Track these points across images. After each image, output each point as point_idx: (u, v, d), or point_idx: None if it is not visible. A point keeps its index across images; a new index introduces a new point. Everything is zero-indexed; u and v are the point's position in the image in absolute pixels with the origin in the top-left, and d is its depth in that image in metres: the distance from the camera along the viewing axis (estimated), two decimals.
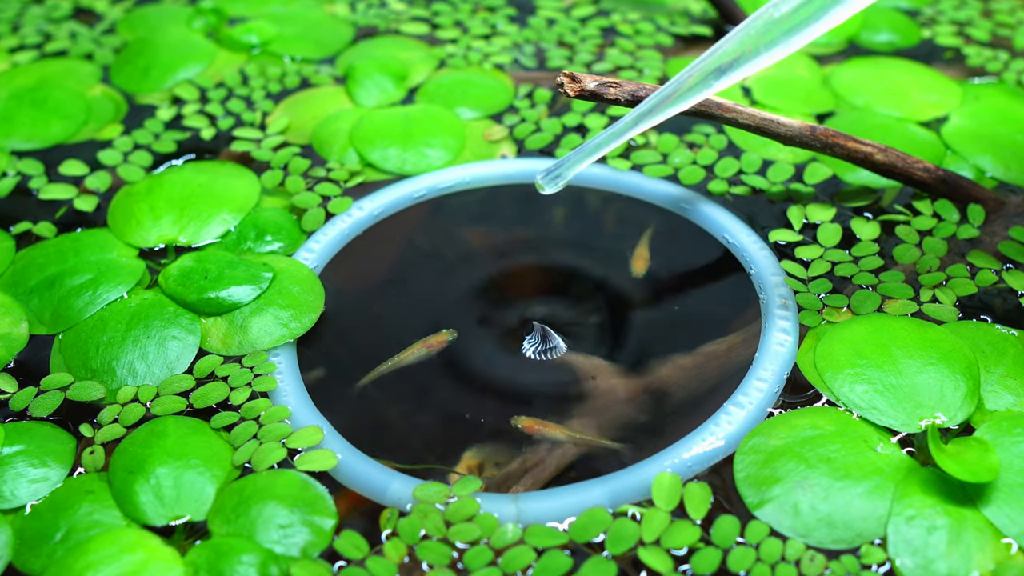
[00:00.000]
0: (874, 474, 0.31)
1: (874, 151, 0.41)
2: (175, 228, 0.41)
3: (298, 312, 0.37)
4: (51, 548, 0.30)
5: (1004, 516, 0.29)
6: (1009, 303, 0.37)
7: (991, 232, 0.41)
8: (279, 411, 0.34)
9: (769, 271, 0.38)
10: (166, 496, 0.31)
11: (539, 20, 0.57)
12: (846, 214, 0.42)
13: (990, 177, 0.44)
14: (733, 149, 0.46)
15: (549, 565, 0.29)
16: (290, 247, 0.41)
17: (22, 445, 0.33)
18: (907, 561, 0.29)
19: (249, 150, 0.47)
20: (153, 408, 0.34)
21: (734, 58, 0.33)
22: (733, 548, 0.29)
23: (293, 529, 0.30)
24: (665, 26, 0.56)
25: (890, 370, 0.33)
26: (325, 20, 0.57)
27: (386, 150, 0.46)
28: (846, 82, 0.50)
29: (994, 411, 0.33)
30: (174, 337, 0.36)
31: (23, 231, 0.42)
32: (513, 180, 0.44)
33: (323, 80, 0.52)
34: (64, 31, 0.57)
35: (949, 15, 0.58)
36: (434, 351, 0.36)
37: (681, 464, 0.31)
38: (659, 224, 0.42)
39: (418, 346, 0.36)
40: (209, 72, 0.52)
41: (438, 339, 0.36)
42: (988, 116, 0.47)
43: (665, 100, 0.34)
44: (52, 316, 0.38)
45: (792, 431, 0.32)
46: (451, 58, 0.53)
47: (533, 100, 0.50)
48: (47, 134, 0.48)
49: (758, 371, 0.34)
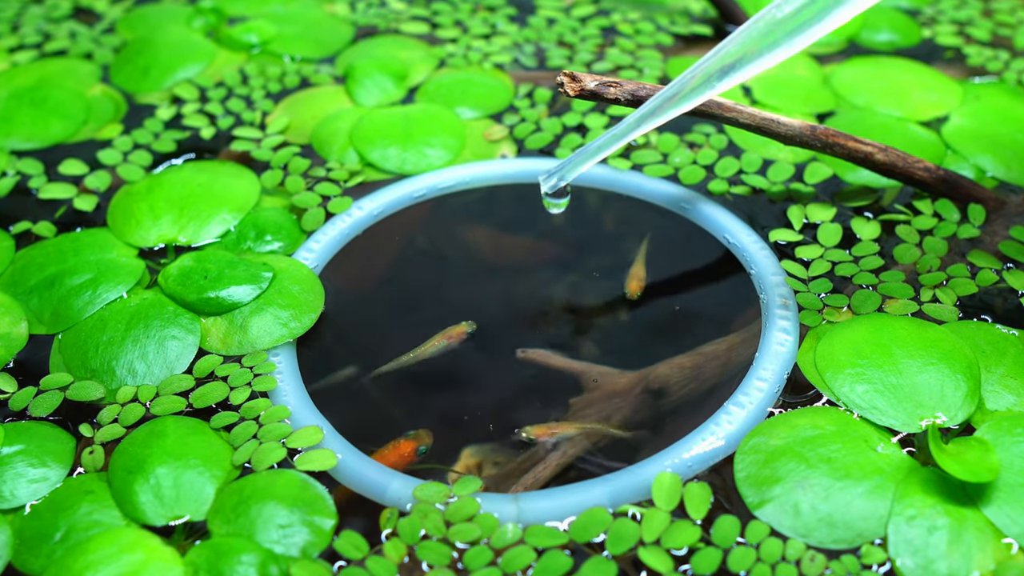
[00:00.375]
0: (874, 474, 0.30)
1: (874, 151, 0.41)
2: (175, 228, 0.41)
3: (298, 312, 0.37)
4: (50, 548, 0.30)
5: (1005, 516, 0.29)
6: (1010, 303, 0.37)
7: (992, 232, 0.40)
8: (279, 411, 0.34)
9: (769, 271, 0.38)
10: (166, 496, 0.31)
11: (539, 20, 0.57)
12: (846, 214, 0.42)
13: (991, 177, 0.44)
14: (733, 149, 0.46)
15: (549, 565, 0.29)
16: (290, 247, 0.41)
17: (22, 445, 0.33)
18: (908, 561, 0.29)
19: (249, 150, 0.47)
20: (153, 408, 0.34)
21: (736, 59, 0.33)
22: (733, 548, 0.29)
23: (293, 529, 0.30)
24: (665, 25, 0.56)
25: (890, 370, 0.33)
26: (325, 19, 0.57)
27: (386, 150, 0.46)
28: (846, 81, 0.50)
29: (995, 411, 0.33)
30: (174, 337, 0.36)
31: (23, 231, 0.42)
32: (513, 180, 0.44)
33: (323, 80, 0.52)
34: (64, 30, 0.57)
35: (949, 15, 0.58)
36: (454, 343, 0.35)
37: (681, 464, 0.31)
38: (659, 225, 0.42)
39: (438, 338, 0.35)
40: (209, 71, 0.52)
41: (457, 330, 0.36)
42: (989, 116, 0.47)
43: (667, 102, 0.34)
44: (52, 316, 0.38)
45: (792, 431, 0.32)
46: (451, 57, 0.53)
47: (533, 100, 0.49)
48: (47, 134, 0.48)
49: (758, 371, 0.34)
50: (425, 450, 0.32)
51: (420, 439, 0.32)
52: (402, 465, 0.32)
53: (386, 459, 0.32)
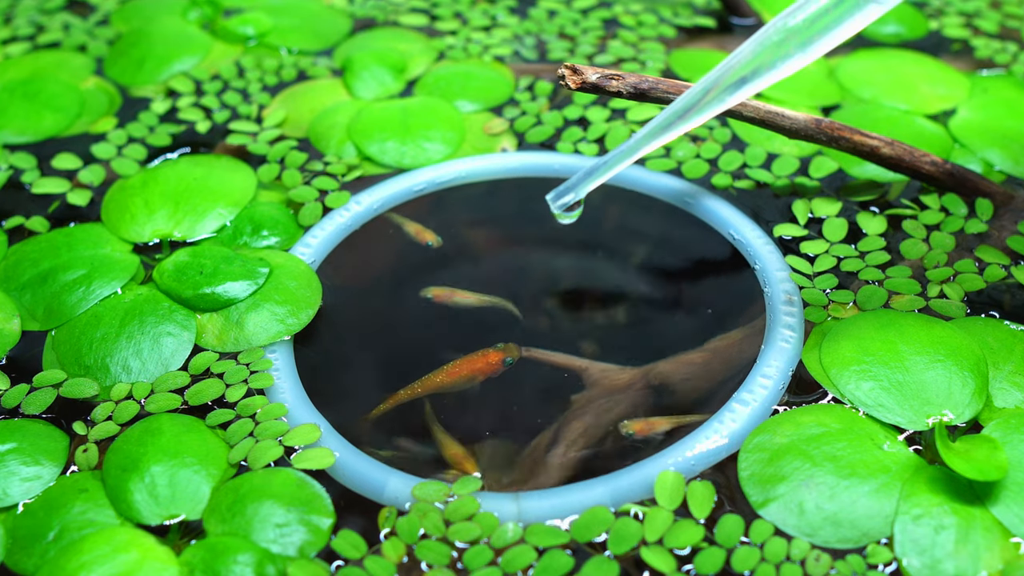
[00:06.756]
0: (880, 472, 0.30)
1: (881, 144, 0.40)
2: (170, 223, 0.41)
3: (295, 308, 0.36)
4: (44, 547, 0.29)
5: (1013, 515, 0.29)
6: (1018, 299, 0.37)
7: (999, 227, 0.40)
8: (276, 408, 0.33)
9: (774, 266, 0.38)
10: (161, 495, 0.30)
11: (540, 11, 0.56)
12: (852, 208, 0.41)
13: (998, 171, 0.44)
14: (737, 142, 0.45)
15: (550, 565, 0.28)
16: (287, 242, 0.40)
17: (14, 443, 0.32)
18: (914, 561, 0.28)
19: (245, 143, 0.46)
20: (147, 405, 0.34)
21: (752, 70, 0.33)
22: (737, 548, 0.29)
23: (290, 528, 0.29)
24: (668, 17, 0.55)
25: (897, 367, 0.33)
26: (322, 11, 0.56)
27: (384, 143, 0.45)
28: (852, 74, 0.49)
29: (1003, 408, 0.32)
30: (169, 333, 0.36)
31: (15, 226, 0.42)
32: (513, 174, 0.44)
33: (320, 72, 0.51)
34: (57, 22, 0.57)
35: (957, 6, 0.57)
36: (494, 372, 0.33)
37: (684, 462, 0.31)
38: (662, 220, 0.42)
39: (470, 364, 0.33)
40: (204, 64, 0.52)
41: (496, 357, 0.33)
42: (996, 109, 0.47)
43: (679, 115, 0.34)
44: (45, 312, 0.37)
45: (797, 429, 0.31)
46: (450, 50, 0.53)
47: (534, 93, 0.49)
48: (40, 127, 0.47)
49: (763, 368, 0.34)
50: (512, 361, 0.31)
51: (509, 351, 0.32)
52: (487, 372, 0.31)
53: (473, 364, 0.31)
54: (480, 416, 0.34)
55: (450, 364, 0.33)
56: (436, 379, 0.31)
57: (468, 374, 0.31)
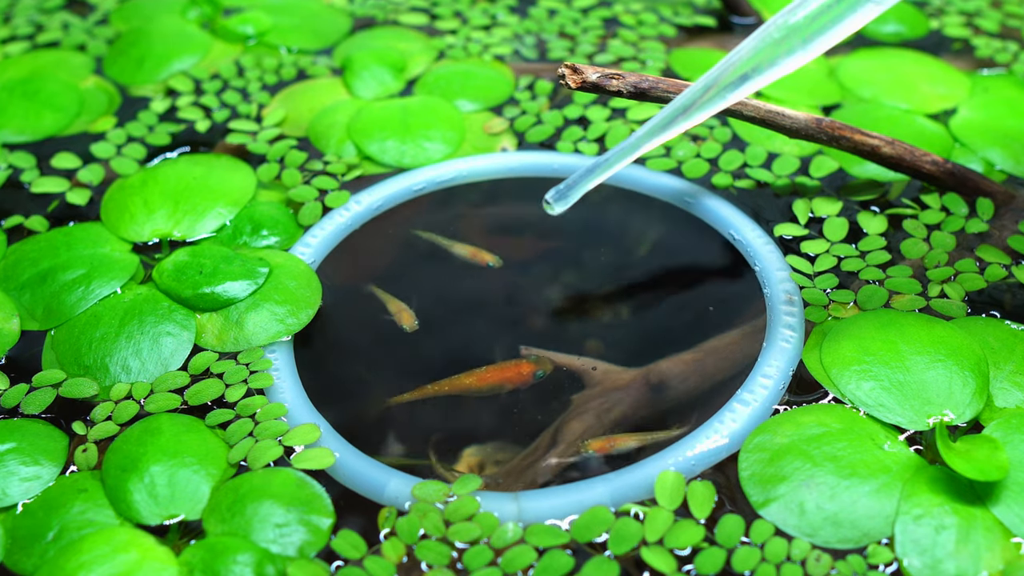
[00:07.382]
0: (881, 472, 0.30)
1: (881, 144, 0.40)
2: (169, 222, 0.41)
3: (295, 308, 0.36)
4: (43, 547, 0.29)
5: (1014, 515, 0.29)
6: (1019, 298, 0.37)
7: (1000, 226, 0.40)
8: (275, 408, 0.33)
9: (774, 266, 0.38)
10: (160, 495, 0.30)
11: (540, 10, 0.56)
12: (853, 208, 0.41)
13: (999, 170, 0.44)
14: (738, 142, 0.45)
15: (550, 565, 0.28)
16: (287, 241, 0.40)
17: (14, 443, 0.32)
18: (915, 561, 0.28)
19: (245, 143, 0.46)
20: (147, 405, 0.33)
21: (752, 67, 0.33)
22: (737, 548, 0.29)
23: (290, 528, 0.29)
24: (669, 17, 0.55)
25: (897, 367, 0.33)
26: (322, 10, 0.56)
27: (384, 143, 0.45)
28: (853, 74, 0.49)
29: (1003, 408, 0.32)
30: (168, 333, 0.35)
31: (14, 225, 0.42)
32: (514, 173, 0.44)
33: (320, 71, 0.51)
34: (56, 22, 0.56)
35: (957, 5, 0.57)
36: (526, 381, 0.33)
37: (685, 462, 0.31)
38: (662, 219, 0.42)
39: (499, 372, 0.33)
40: (204, 63, 0.52)
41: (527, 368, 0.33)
42: (997, 108, 0.47)
43: (680, 113, 0.34)
44: (44, 312, 0.37)
45: (798, 429, 0.31)
46: (450, 49, 0.52)
47: (534, 92, 0.49)
48: (39, 126, 0.47)
49: (763, 368, 0.33)
50: (543, 375, 0.31)
51: (542, 364, 0.32)
52: (516, 383, 0.31)
53: (504, 373, 0.31)
54: (480, 416, 0.34)
55: (482, 369, 0.33)
56: (465, 381, 0.31)
57: (497, 381, 0.31)
